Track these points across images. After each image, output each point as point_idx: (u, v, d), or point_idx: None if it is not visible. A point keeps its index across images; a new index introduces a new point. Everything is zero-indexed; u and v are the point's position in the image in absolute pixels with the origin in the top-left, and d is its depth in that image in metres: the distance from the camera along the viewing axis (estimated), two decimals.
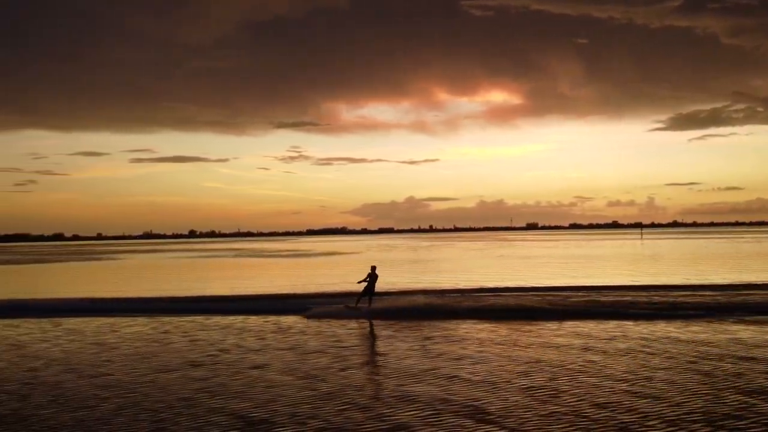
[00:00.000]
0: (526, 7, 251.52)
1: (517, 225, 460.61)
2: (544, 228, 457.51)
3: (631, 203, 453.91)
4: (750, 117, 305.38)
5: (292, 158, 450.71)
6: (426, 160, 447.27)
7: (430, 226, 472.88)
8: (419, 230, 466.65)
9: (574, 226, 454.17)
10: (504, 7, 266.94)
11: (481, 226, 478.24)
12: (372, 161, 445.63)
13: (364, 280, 22.28)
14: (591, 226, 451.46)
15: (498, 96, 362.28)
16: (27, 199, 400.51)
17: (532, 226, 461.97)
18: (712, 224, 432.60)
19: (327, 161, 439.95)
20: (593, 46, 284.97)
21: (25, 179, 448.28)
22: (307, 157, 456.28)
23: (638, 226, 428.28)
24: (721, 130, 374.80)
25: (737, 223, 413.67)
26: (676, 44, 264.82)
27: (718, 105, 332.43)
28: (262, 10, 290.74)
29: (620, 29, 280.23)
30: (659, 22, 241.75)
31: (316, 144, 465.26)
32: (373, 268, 22.35)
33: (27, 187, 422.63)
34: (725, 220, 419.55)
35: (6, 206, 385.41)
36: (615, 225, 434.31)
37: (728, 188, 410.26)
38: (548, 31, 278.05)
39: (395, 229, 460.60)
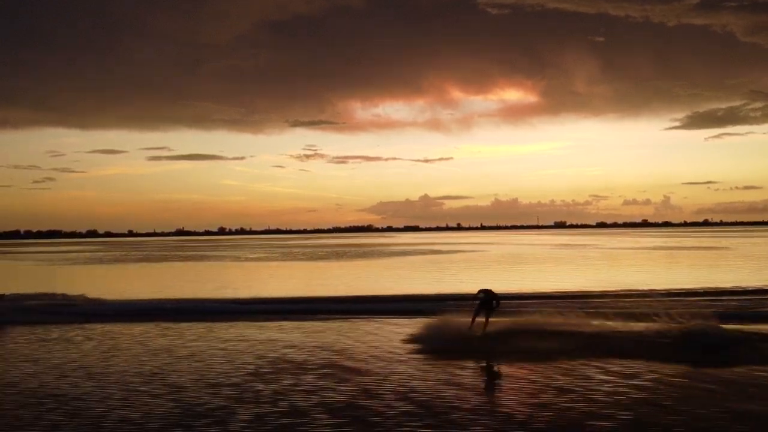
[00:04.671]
0: (542, 5, 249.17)
1: (542, 223, 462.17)
2: (571, 227, 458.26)
3: (648, 202, 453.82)
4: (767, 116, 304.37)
5: (308, 156, 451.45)
6: (440, 159, 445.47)
7: (458, 224, 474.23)
8: (446, 228, 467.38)
9: (601, 225, 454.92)
10: (520, 5, 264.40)
11: (507, 224, 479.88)
12: (387, 159, 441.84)
13: (475, 298, 19.20)
14: (616, 225, 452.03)
15: (513, 94, 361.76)
16: (46, 196, 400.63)
17: (560, 225, 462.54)
18: (735, 223, 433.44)
19: (342, 159, 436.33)
20: (609, 44, 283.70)
21: (43, 177, 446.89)
22: (322, 156, 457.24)
23: (667, 224, 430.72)
24: (738, 128, 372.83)
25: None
26: (693, 42, 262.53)
27: (736, 103, 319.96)
28: (280, 10, 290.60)
29: (637, 27, 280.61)
30: (676, 20, 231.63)
31: (331, 142, 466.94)
32: (481, 291, 19.25)
33: (45, 185, 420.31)
34: (743, 219, 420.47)
35: (26, 203, 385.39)
36: (645, 224, 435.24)
37: (746, 187, 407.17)
38: (564, 29, 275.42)
39: (420, 227, 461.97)
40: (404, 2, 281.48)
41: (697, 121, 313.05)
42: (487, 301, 18.65)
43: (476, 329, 18.25)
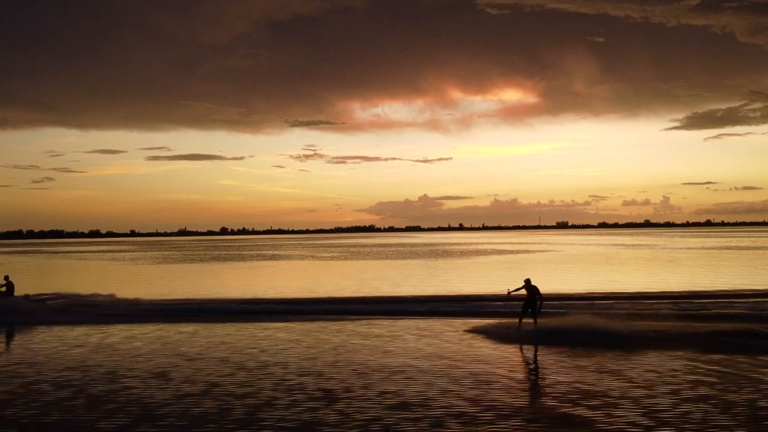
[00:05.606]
0: (541, 6, 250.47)
1: (544, 224, 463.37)
2: (574, 227, 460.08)
3: (647, 202, 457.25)
4: (766, 116, 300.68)
5: (307, 156, 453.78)
6: (440, 159, 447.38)
7: (460, 225, 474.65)
8: (449, 228, 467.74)
9: (603, 225, 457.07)
10: (520, 5, 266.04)
11: (509, 224, 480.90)
12: (386, 160, 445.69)
13: (517, 289, 19.71)
14: (618, 226, 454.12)
15: (512, 94, 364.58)
16: (45, 196, 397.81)
17: (562, 225, 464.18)
18: (737, 223, 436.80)
19: (341, 160, 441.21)
20: (609, 45, 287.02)
21: (42, 176, 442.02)
22: (321, 156, 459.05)
23: (669, 225, 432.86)
24: (738, 129, 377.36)
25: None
26: (692, 43, 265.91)
27: (735, 104, 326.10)
28: (280, 10, 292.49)
29: (637, 28, 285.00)
30: (676, 21, 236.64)
31: (330, 142, 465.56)
32: (528, 281, 19.58)
33: (44, 185, 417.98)
34: (743, 220, 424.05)
35: (26, 203, 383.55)
36: (648, 224, 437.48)
37: (745, 188, 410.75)
38: (564, 30, 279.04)
39: (423, 227, 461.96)
40: (404, 2, 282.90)
41: (696, 122, 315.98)
42: (531, 300, 19.36)
43: (524, 328, 19.08)
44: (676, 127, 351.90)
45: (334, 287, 36.25)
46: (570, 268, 49.81)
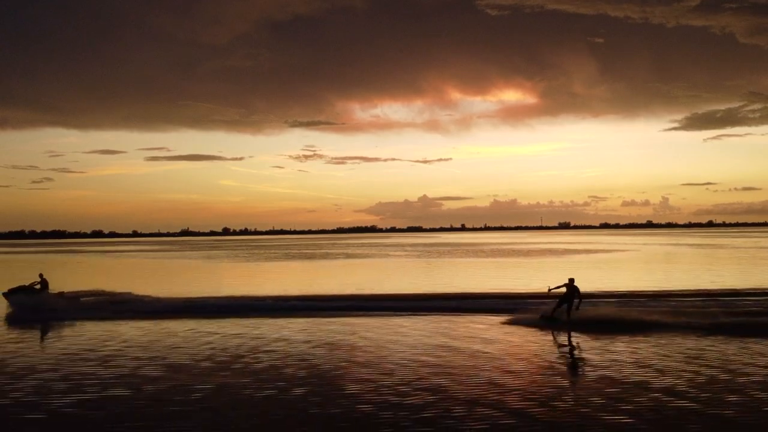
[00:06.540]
0: (541, 6, 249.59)
1: (546, 224, 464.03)
2: (575, 228, 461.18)
3: (646, 203, 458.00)
4: (766, 117, 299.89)
5: (307, 157, 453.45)
6: (439, 159, 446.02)
7: (462, 225, 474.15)
8: (450, 229, 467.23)
9: (604, 226, 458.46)
10: (519, 6, 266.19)
11: (510, 225, 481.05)
12: (385, 160, 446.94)
13: (558, 287, 21.36)
14: (619, 226, 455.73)
15: (512, 95, 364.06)
16: (45, 196, 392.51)
17: (564, 226, 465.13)
18: (738, 224, 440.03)
19: (341, 160, 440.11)
20: (609, 46, 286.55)
21: (41, 177, 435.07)
22: (321, 156, 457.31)
23: (671, 225, 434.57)
24: (737, 129, 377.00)
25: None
26: (692, 43, 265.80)
27: (734, 105, 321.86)
28: (280, 10, 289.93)
29: (636, 28, 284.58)
30: (676, 21, 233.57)
31: (330, 143, 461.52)
32: (571, 280, 21.29)
33: (44, 185, 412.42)
34: (743, 220, 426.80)
35: (25, 203, 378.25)
36: (650, 225, 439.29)
37: (744, 188, 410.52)
38: (563, 30, 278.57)
39: (424, 227, 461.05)
40: (404, 2, 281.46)
41: (695, 123, 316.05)
42: (568, 297, 20.89)
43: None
44: (675, 128, 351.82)
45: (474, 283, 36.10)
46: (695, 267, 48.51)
